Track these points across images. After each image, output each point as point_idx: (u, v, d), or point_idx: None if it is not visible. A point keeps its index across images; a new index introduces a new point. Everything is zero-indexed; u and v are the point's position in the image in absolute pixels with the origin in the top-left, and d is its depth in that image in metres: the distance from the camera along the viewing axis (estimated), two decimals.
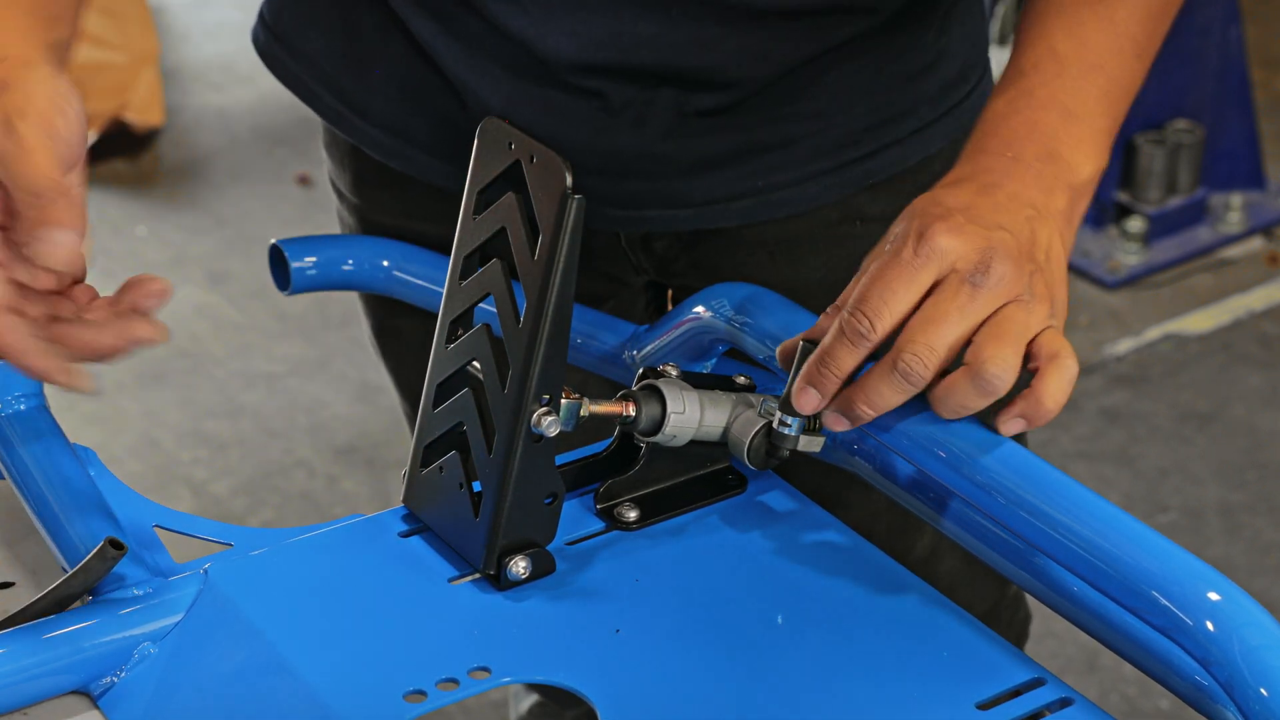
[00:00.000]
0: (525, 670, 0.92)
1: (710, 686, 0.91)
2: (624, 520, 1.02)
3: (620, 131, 1.16)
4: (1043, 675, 0.93)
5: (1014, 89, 1.05)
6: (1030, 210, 0.99)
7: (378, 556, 0.99)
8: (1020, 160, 1.01)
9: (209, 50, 4.12)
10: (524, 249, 0.94)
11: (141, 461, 2.77)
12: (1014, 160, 1.01)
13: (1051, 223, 1.00)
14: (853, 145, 1.19)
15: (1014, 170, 1.01)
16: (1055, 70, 1.04)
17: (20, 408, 1.04)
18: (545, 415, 0.94)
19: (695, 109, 1.15)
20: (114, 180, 3.57)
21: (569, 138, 1.15)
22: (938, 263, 0.94)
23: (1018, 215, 0.98)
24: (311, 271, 1.19)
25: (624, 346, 1.16)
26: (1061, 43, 1.05)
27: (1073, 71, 1.04)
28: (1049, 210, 1.00)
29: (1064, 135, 1.03)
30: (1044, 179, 1.01)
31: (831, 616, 0.96)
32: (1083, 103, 1.04)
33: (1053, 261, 0.98)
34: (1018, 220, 0.98)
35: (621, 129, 1.16)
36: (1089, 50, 1.05)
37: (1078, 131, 1.03)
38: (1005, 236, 0.96)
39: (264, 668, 0.91)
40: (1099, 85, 1.05)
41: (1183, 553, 0.88)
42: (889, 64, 1.19)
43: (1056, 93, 1.04)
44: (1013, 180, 1.00)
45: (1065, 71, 1.04)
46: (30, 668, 0.90)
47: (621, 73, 1.14)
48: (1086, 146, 1.03)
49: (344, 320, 3.13)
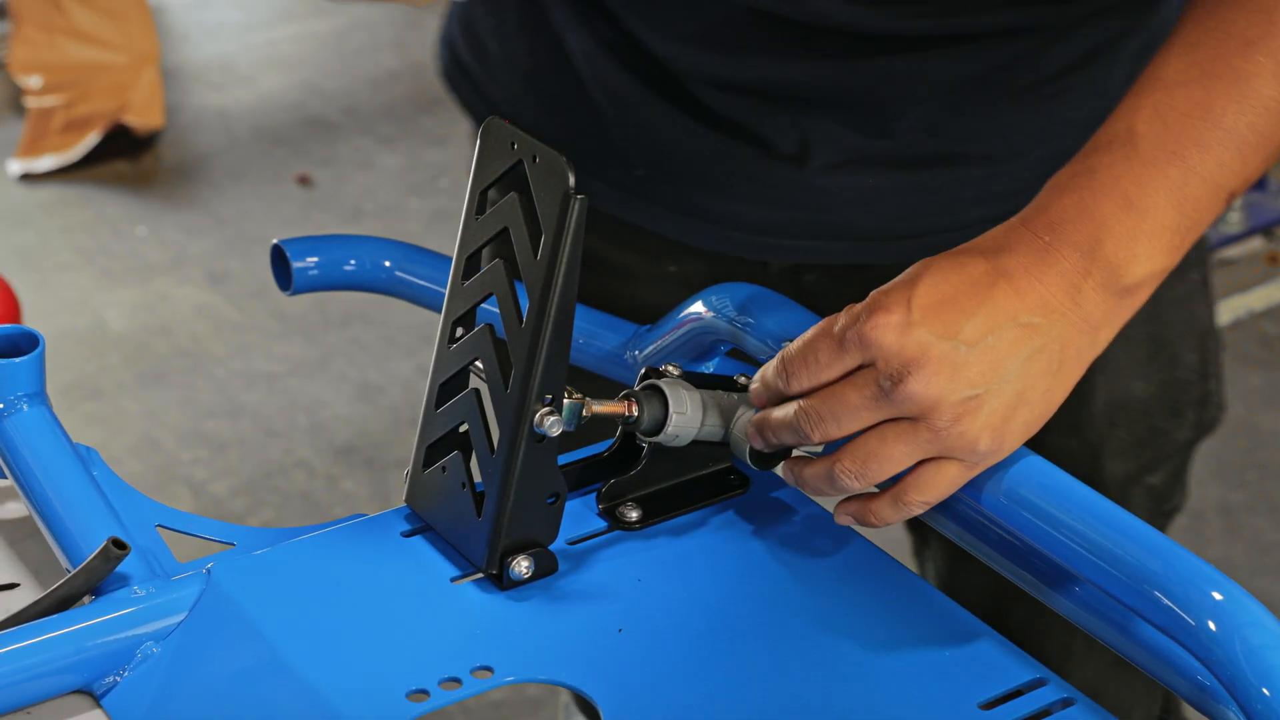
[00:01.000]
0: (528, 670, 0.92)
1: (712, 686, 0.91)
2: (626, 520, 1.02)
3: (780, 161, 1.14)
4: (1045, 675, 0.93)
5: (1081, 163, 0.96)
6: (1031, 318, 0.92)
7: (380, 556, 0.99)
8: (1054, 250, 0.93)
9: (209, 50, 4.12)
10: (526, 249, 0.94)
11: (141, 461, 2.77)
12: (1047, 248, 0.93)
13: (1057, 331, 0.93)
14: (1022, 193, 1.07)
15: (1041, 260, 0.93)
16: (1127, 152, 0.95)
17: (23, 408, 1.03)
18: (548, 415, 0.94)
19: (859, 143, 1.12)
20: (114, 180, 3.57)
21: (728, 163, 1.13)
22: (861, 353, 0.92)
23: (1000, 325, 0.91)
24: (313, 271, 1.18)
25: (626, 346, 1.16)
26: (1144, 123, 0.95)
27: (1146, 157, 0.94)
28: (1065, 316, 0.93)
29: (1117, 227, 0.93)
30: (1070, 278, 0.93)
31: (833, 616, 0.96)
32: (1148, 194, 0.94)
33: (1029, 380, 0.92)
34: (997, 332, 0.91)
35: (782, 158, 1.13)
36: (1170, 136, 0.95)
37: (1134, 225, 0.94)
38: (949, 352, 0.90)
39: (267, 667, 0.91)
40: (1172, 177, 0.94)
41: (1185, 552, 0.88)
42: (1066, 110, 1.14)
43: (1121, 177, 0.94)
44: (1031, 274, 0.93)
45: (1137, 155, 0.95)
46: (33, 667, 0.90)
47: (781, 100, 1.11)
48: (1143, 244, 0.94)
49: (344, 320, 3.13)
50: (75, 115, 3.65)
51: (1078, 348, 0.93)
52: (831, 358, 0.93)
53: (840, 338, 0.93)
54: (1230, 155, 0.95)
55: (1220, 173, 0.95)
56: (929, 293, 0.92)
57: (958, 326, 0.91)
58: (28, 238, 3.37)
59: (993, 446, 0.92)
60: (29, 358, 1.03)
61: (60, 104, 3.71)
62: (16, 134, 3.68)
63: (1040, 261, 0.93)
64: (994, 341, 0.91)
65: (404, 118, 3.84)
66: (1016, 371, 0.92)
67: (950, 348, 0.91)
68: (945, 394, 0.91)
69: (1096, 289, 0.93)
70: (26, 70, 3.81)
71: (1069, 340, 0.93)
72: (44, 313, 3.12)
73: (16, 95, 3.80)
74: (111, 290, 3.22)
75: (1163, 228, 0.94)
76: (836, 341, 0.93)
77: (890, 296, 0.92)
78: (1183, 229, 0.94)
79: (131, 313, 3.16)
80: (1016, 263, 0.93)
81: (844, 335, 0.92)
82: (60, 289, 3.22)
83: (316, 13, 4.31)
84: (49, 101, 3.72)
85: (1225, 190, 0.95)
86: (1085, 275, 0.93)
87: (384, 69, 4.05)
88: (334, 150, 3.71)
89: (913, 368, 0.90)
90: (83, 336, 3.08)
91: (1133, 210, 0.93)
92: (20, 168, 3.55)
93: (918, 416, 0.91)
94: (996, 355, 0.91)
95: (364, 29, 4.24)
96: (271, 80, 4.00)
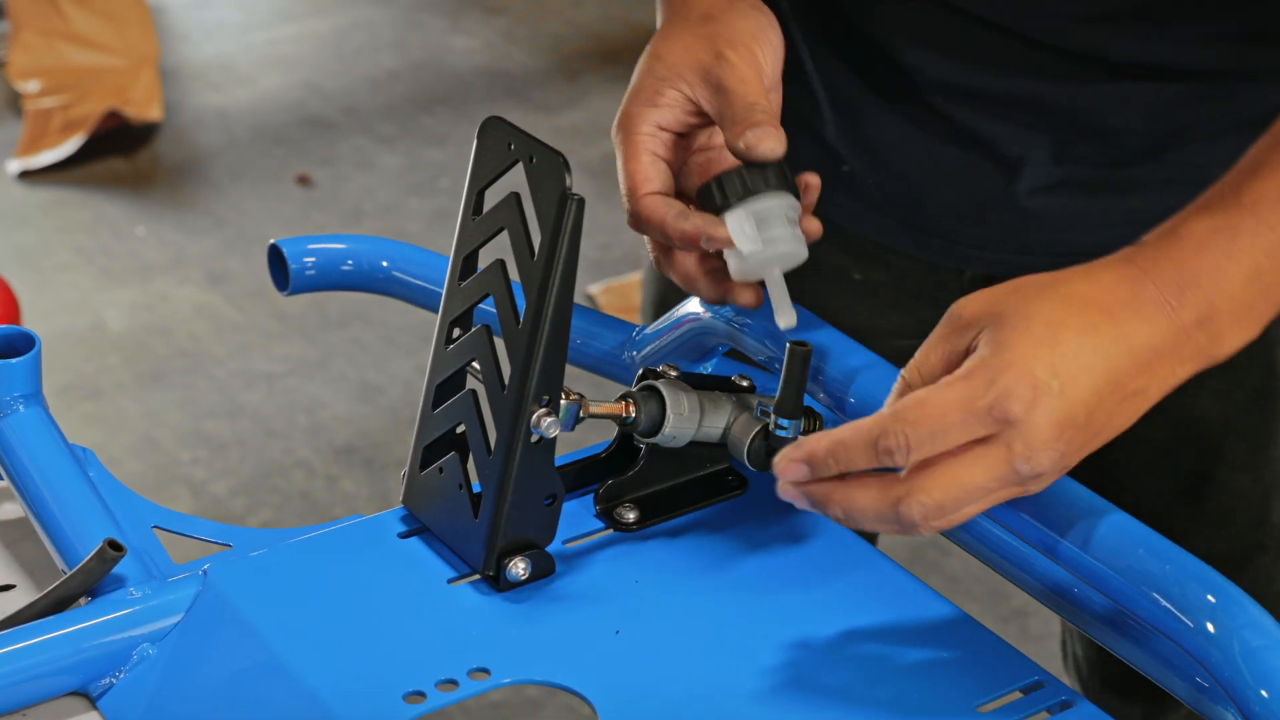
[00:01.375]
0: (525, 671, 0.92)
1: (710, 687, 0.91)
2: (624, 521, 1.02)
3: (993, 173, 1.12)
4: (1044, 677, 0.93)
5: (1224, 218, 0.88)
6: (1146, 383, 0.87)
7: (377, 557, 0.99)
8: (1178, 317, 0.87)
9: (208, 50, 4.12)
10: (523, 249, 0.94)
11: (141, 462, 2.77)
12: (1172, 314, 0.87)
13: (1147, 400, 0.88)
14: None
15: (1164, 328, 0.87)
16: (1273, 221, 0.88)
17: (19, 409, 1.03)
18: (545, 416, 0.94)
19: (1076, 165, 1.09)
20: (113, 180, 3.57)
21: (939, 168, 1.12)
22: (1000, 430, 0.84)
23: (1120, 398, 0.86)
24: (311, 272, 1.18)
25: (623, 347, 1.15)
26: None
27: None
28: (1165, 384, 0.88)
29: (1238, 299, 0.87)
30: (1184, 350, 0.87)
31: (832, 618, 0.96)
32: (1275, 270, 0.88)
33: (1103, 435, 0.87)
34: (1114, 407, 0.86)
35: (996, 170, 1.11)
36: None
37: (1253, 299, 0.88)
38: (1081, 438, 0.85)
39: (263, 669, 0.91)
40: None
41: (1183, 554, 0.88)
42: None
43: (1259, 244, 0.87)
44: (1153, 340, 0.87)
45: None
46: (29, 668, 0.90)
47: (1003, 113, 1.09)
48: (1247, 319, 0.88)
49: (344, 320, 3.13)
50: (74, 116, 3.65)
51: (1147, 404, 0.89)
52: (962, 433, 0.84)
53: (980, 415, 0.84)
54: None
55: None
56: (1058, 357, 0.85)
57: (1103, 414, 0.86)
58: (27, 238, 3.37)
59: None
60: (25, 358, 1.03)
61: (59, 105, 3.71)
62: (15, 135, 3.68)
63: (1165, 334, 0.87)
64: (1109, 421, 0.87)
65: (404, 118, 3.84)
66: (1107, 433, 0.88)
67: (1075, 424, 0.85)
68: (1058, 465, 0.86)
69: (1194, 357, 0.88)
70: (25, 75, 3.80)
71: (1153, 401, 0.89)
72: (43, 313, 3.12)
73: (16, 97, 3.80)
74: (111, 290, 3.22)
75: (1270, 307, 0.89)
76: (972, 417, 0.84)
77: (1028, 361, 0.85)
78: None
79: (131, 313, 3.16)
80: (1137, 326, 0.87)
81: (985, 413, 0.84)
82: (59, 289, 3.22)
83: (316, 13, 4.31)
84: (48, 103, 3.72)
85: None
86: (1195, 349, 0.88)
87: (384, 69, 4.05)
88: (334, 150, 3.71)
89: (1056, 466, 0.85)
90: (82, 336, 3.08)
91: (1258, 283, 0.88)
92: (19, 166, 3.55)
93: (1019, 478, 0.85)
94: (1124, 417, 0.88)
95: (364, 29, 4.24)
96: (271, 80, 4.00)
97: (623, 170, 1.03)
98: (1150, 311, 0.87)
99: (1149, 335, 0.87)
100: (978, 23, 1.05)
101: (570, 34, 4.23)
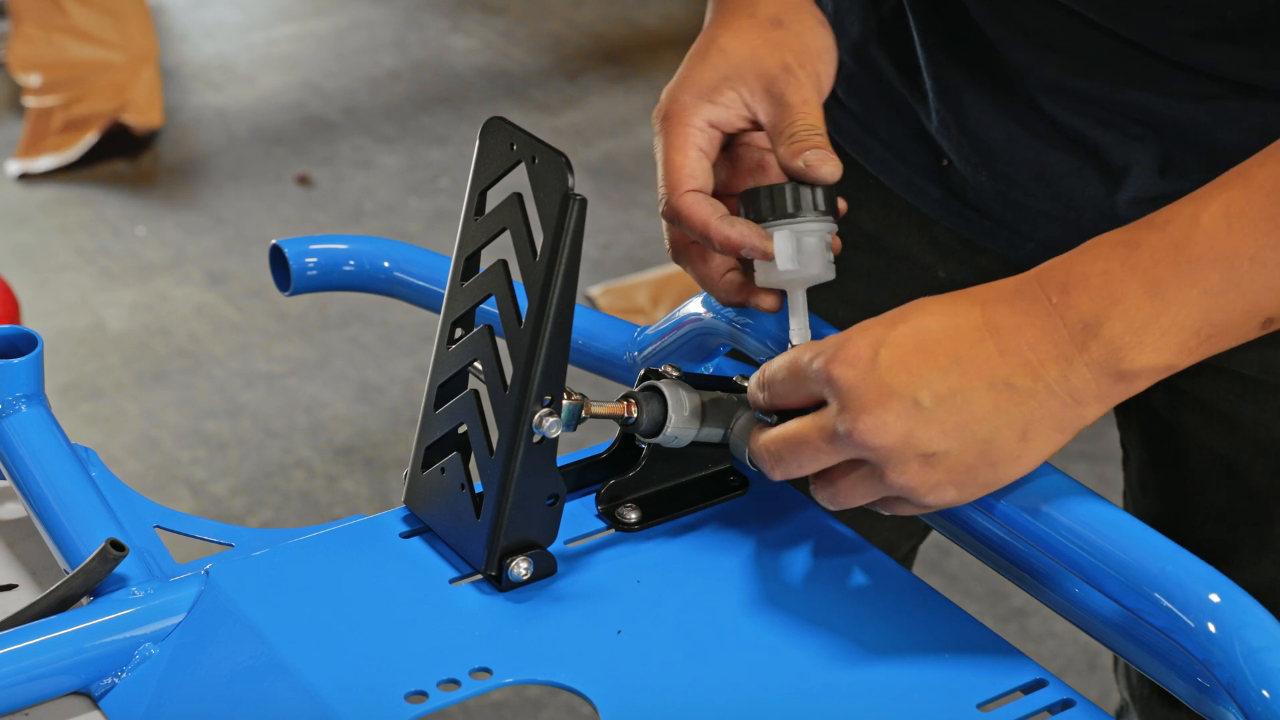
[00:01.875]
0: (527, 671, 0.92)
1: (711, 687, 0.91)
2: (625, 521, 1.02)
3: (1093, 181, 1.10)
4: (1044, 676, 0.93)
5: (1130, 233, 0.90)
6: (1011, 380, 0.88)
7: (379, 557, 0.99)
8: (1056, 314, 0.88)
9: (208, 50, 4.12)
10: (525, 249, 0.94)
11: (141, 461, 2.77)
12: (1051, 310, 0.88)
13: (1036, 401, 0.88)
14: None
15: (1039, 322, 0.88)
16: (1178, 240, 0.88)
17: (21, 409, 1.03)
18: (547, 416, 0.94)
19: (1178, 174, 1.07)
20: (113, 180, 3.57)
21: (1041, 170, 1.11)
22: (823, 389, 0.90)
23: (973, 385, 0.88)
24: (312, 272, 1.18)
25: (625, 347, 1.15)
26: (1209, 217, 0.88)
27: (1195, 253, 0.88)
28: (1048, 385, 0.88)
29: (1133, 311, 0.87)
30: (1064, 348, 0.88)
31: (832, 617, 0.96)
32: (1181, 289, 0.87)
33: (997, 444, 0.89)
34: (967, 393, 0.88)
35: (1097, 178, 1.10)
36: (1229, 240, 0.87)
37: (1153, 314, 0.87)
38: (909, 405, 0.88)
39: (265, 668, 0.91)
40: (1212, 281, 0.87)
41: (1184, 554, 0.88)
42: None
43: (1161, 263, 0.88)
44: (1022, 335, 0.88)
45: (1188, 247, 0.88)
46: (31, 668, 0.90)
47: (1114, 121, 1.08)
48: (1155, 335, 0.87)
49: (344, 320, 3.13)
50: (74, 115, 3.65)
51: (1057, 420, 0.89)
52: (797, 386, 0.93)
53: (806, 371, 0.92)
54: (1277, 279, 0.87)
55: (1265, 297, 0.88)
56: (906, 338, 0.89)
57: (924, 379, 0.88)
58: (27, 238, 3.37)
59: (953, 500, 0.91)
60: (27, 358, 1.03)
61: (59, 104, 3.71)
62: (16, 134, 3.68)
63: (1036, 323, 0.88)
64: (962, 402, 0.88)
65: (404, 117, 3.84)
66: (984, 434, 0.89)
67: (910, 401, 0.88)
68: (900, 447, 0.89)
69: (1090, 365, 0.88)
70: (26, 69, 3.81)
71: (1048, 411, 0.89)
72: (43, 313, 3.12)
73: (16, 95, 3.80)
74: (111, 290, 3.22)
75: (1181, 326, 0.88)
76: (802, 374, 0.92)
77: (865, 335, 0.90)
78: (1203, 335, 0.88)
79: (131, 313, 3.16)
80: (1011, 320, 0.89)
81: (809, 369, 0.91)
82: (59, 289, 3.22)
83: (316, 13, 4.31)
84: (48, 101, 3.72)
85: (1263, 315, 0.89)
86: (1081, 349, 0.88)
87: (384, 69, 4.05)
88: (334, 150, 3.71)
89: (868, 415, 0.88)
90: (82, 336, 3.08)
91: (1158, 299, 0.87)
92: (19, 168, 3.55)
93: (875, 464, 0.90)
94: (963, 416, 0.88)
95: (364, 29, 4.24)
96: (271, 80, 4.00)
97: (666, 161, 1.02)
98: (1024, 305, 0.89)
99: (1017, 324, 0.88)
100: (1093, 27, 1.04)
101: (570, 34, 4.23)
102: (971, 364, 0.88)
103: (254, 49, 4.14)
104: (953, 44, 1.12)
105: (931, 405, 0.88)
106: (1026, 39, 1.07)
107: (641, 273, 3.26)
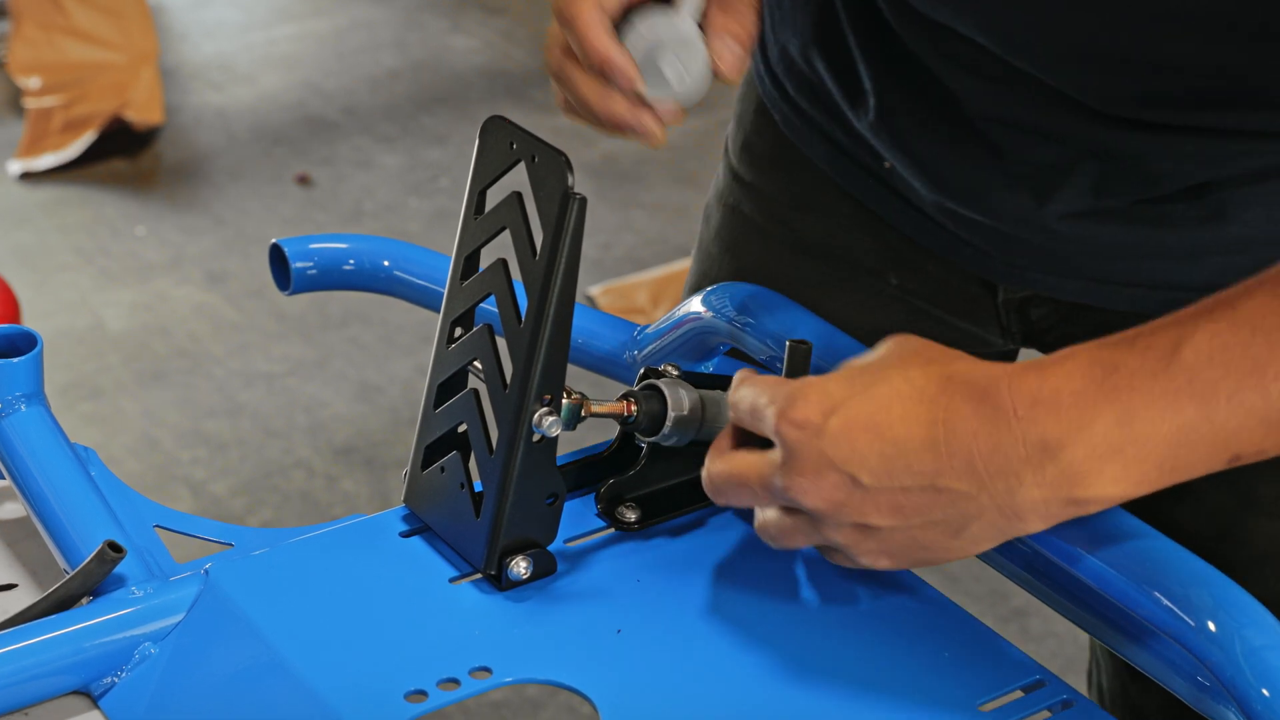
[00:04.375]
0: (526, 670, 0.92)
1: (711, 687, 0.91)
2: (625, 520, 1.02)
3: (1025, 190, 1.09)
4: (1045, 676, 0.93)
5: (1110, 353, 0.85)
6: (951, 483, 0.85)
7: (379, 556, 0.99)
8: (1017, 429, 0.84)
9: (208, 50, 4.12)
10: (525, 249, 0.94)
11: (141, 461, 2.77)
12: (1011, 421, 0.85)
13: (975, 506, 0.85)
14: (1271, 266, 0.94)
15: (996, 432, 0.85)
16: (1156, 369, 0.84)
17: (20, 408, 1.03)
18: (546, 415, 0.94)
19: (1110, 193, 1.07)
20: (113, 180, 3.57)
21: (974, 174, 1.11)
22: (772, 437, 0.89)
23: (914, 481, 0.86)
24: (312, 271, 1.18)
25: (625, 346, 1.15)
26: (1191, 348, 0.84)
27: (1172, 385, 0.83)
28: (991, 495, 0.85)
29: (1099, 439, 0.83)
30: (1015, 465, 0.84)
31: (833, 617, 0.96)
32: (1153, 421, 0.83)
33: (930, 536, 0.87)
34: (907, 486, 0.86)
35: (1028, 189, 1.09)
36: (1209, 376, 0.83)
37: (1119, 444, 0.84)
38: (844, 482, 0.86)
39: (265, 668, 0.91)
40: (1187, 416, 0.83)
41: (1185, 553, 0.88)
42: None
43: (1137, 390, 0.84)
44: (976, 440, 0.85)
45: (1165, 378, 0.84)
46: (31, 668, 0.90)
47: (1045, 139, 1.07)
48: (1117, 466, 0.84)
49: (344, 320, 3.13)
50: (74, 115, 3.65)
51: (996, 527, 0.86)
52: (753, 423, 0.91)
53: (761, 414, 0.90)
54: (1256, 425, 0.84)
55: (1237, 437, 0.84)
56: (860, 411, 0.87)
57: (865, 460, 0.86)
58: (27, 237, 3.37)
59: (887, 566, 0.90)
60: (27, 358, 1.03)
61: (60, 104, 3.71)
62: (16, 134, 3.68)
63: (994, 435, 0.85)
64: (900, 491, 0.86)
65: (404, 117, 3.84)
66: (918, 523, 0.87)
67: (848, 477, 0.86)
68: (833, 513, 0.88)
69: (1041, 486, 0.84)
70: (26, 70, 3.81)
71: (988, 520, 0.86)
72: (43, 312, 3.12)
73: (16, 95, 3.80)
74: (110, 290, 3.22)
75: (1146, 458, 0.84)
76: (759, 415, 0.90)
77: (821, 396, 0.88)
78: (1166, 469, 0.84)
79: (130, 312, 3.16)
80: (969, 425, 0.85)
81: (764, 412, 0.90)
82: (59, 289, 3.22)
83: (316, 12, 4.31)
84: (48, 102, 3.72)
85: (1231, 452, 0.85)
86: (1035, 469, 0.84)
87: (384, 69, 4.05)
88: (334, 150, 3.71)
89: (804, 479, 0.87)
90: (81, 336, 3.08)
91: (1128, 428, 0.83)
92: (20, 168, 3.55)
93: (812, 518, 0.89)
94: (899, 502, 0.86)
95: (364, 29, 4.24)
96: (271, 80, 4.00)
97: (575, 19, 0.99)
98: (988, 411, 0.85)
99: (973, 430, 0.85)
100: (1031, 76, 1.04)
101: None
102: (917, 458, 0.85)
103: (254, 49, 4.14)
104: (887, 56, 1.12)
105: (869, 485, 0.86)
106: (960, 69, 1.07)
107: (641, 272, 3.26)
